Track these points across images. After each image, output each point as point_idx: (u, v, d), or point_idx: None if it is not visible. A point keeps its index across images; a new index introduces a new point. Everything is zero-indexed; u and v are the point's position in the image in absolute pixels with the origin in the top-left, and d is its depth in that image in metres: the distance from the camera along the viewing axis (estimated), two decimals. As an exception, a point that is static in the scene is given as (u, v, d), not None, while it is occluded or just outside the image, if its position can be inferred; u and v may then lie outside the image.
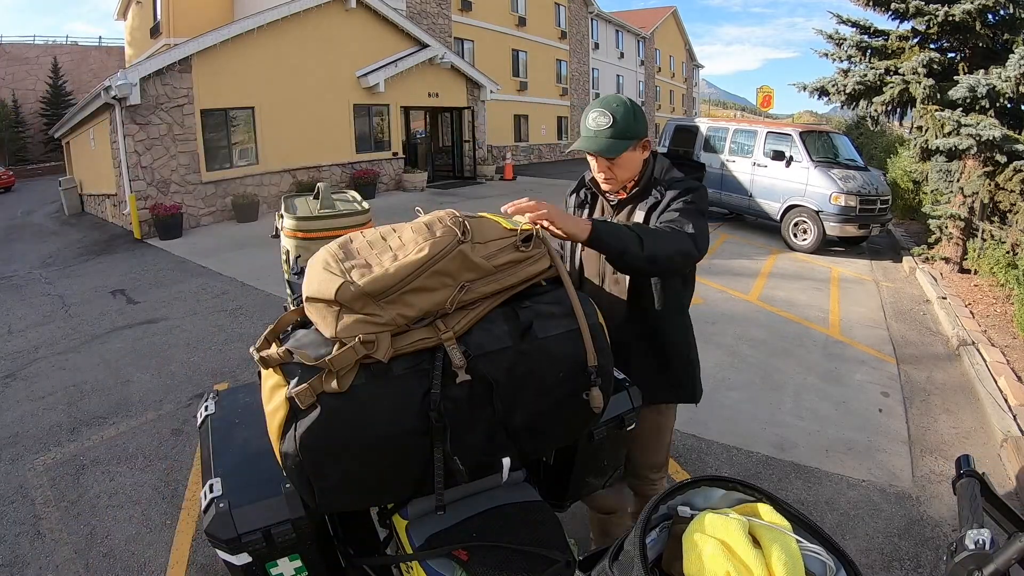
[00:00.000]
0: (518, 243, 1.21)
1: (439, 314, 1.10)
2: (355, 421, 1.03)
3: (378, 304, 1.04)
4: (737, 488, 0.88)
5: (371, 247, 1.14)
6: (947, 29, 6.96)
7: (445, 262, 1.08)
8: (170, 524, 2.69)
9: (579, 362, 1.18)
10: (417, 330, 1.09)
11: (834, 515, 2.73)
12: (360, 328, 1.02)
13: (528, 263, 1.21)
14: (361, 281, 1.03)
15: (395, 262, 1.07)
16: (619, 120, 1.58)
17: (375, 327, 1.03)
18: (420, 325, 1.10)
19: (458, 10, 20.64)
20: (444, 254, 1.08)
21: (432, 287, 1.08)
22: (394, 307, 1.05)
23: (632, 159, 1.65)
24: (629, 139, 1.59)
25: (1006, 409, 3.67)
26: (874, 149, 14.45)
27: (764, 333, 5.13)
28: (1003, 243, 6.36)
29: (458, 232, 1.11)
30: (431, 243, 1.09)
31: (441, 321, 1.10)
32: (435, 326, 1.09)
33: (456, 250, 1.09)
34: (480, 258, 1.13)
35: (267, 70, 11.74)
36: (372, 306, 1.04)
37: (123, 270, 7.84)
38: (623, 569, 0.79)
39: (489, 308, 1.16)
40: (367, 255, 1.11)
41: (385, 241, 1.15)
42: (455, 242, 1.10)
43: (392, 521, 1.33)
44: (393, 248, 1.12)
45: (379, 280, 1.03)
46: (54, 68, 31.44)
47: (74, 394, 4.10)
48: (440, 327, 1.09)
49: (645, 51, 35.38)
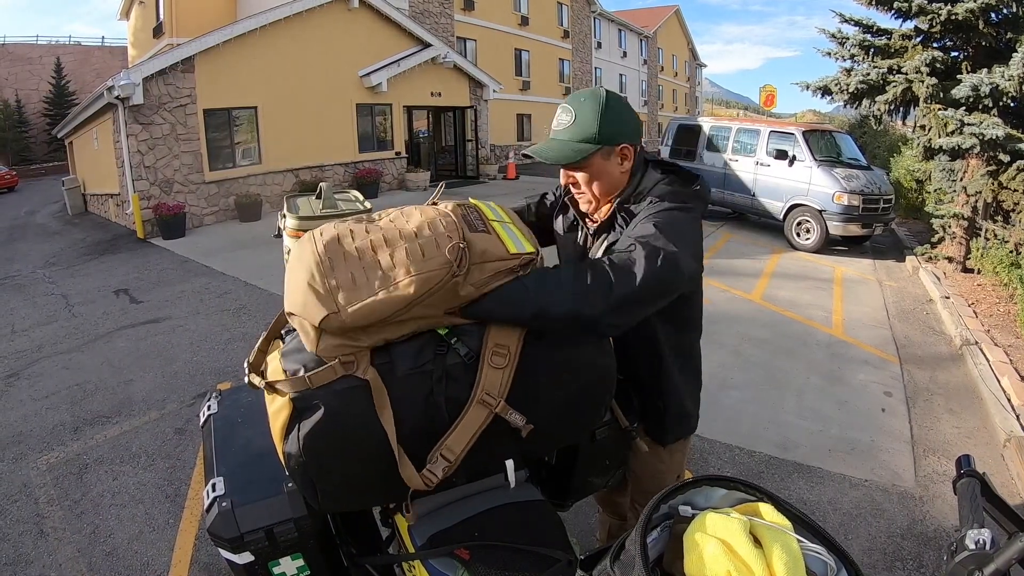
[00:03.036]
0: (517, 269, 1.10)
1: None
2: (358, 421, 1.03)
3: (363, 330, 1.03)
4: (738, 488, 0.88)
5: (360, 259, 1.06)
6: (950, 28, 6.94)
7: (435, 297, 1.04)
8: (173, 523, 2.70)
9: (584, 363, 1.18)
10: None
11: (836, 515, 2.73)
12: (341, 350, 1.02)
13: None
14: (345, 314, 0.99)
15: (383, 294, 1.01)
16: (581, 117, 1.27)
17: (356, 348, 1.03)
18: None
19: (460, 9, 20.63)
20: (436, 290, 1.03)
21: (417, 317, 1.06)
22: (378, 334, 1.05)
23: (605, 170, 1.31)
24: (593, 143, 1.27)
25: (1009, 409, 3.66)
26: (877, 148, 14.44)
27: (767, 333, 5.12)
28: (1006, 243, 6.34)
29: (455, 265, 1.03)
30: (422, 278, 1.01)
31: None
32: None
33: (450, 283, 1.03)
34: (471, 286, 1.06)
35: (270, 70, 11.75)
36: (357, 331, 1.03)
37: (126, 270, 7.86)
38: (624, 568, 0.79)
39: None
40: (355, 269, 1.04)
41: (375, 255, 1.06)
42: (448, 276, 1.02)
43: (394, 520, 1.34)
44: (383, 268, 1.03)
45: (365, 315, 1.00)
46: (57, 68, 31.54)
47: (77, 393, 4.12)
48: None
49: (648, 50, 35.34)
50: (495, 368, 1.07)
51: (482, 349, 1.08)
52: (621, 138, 1.30)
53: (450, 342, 1.10)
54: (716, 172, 9.95)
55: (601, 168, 1.31)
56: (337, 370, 1.02)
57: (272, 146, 11.98)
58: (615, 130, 1.28)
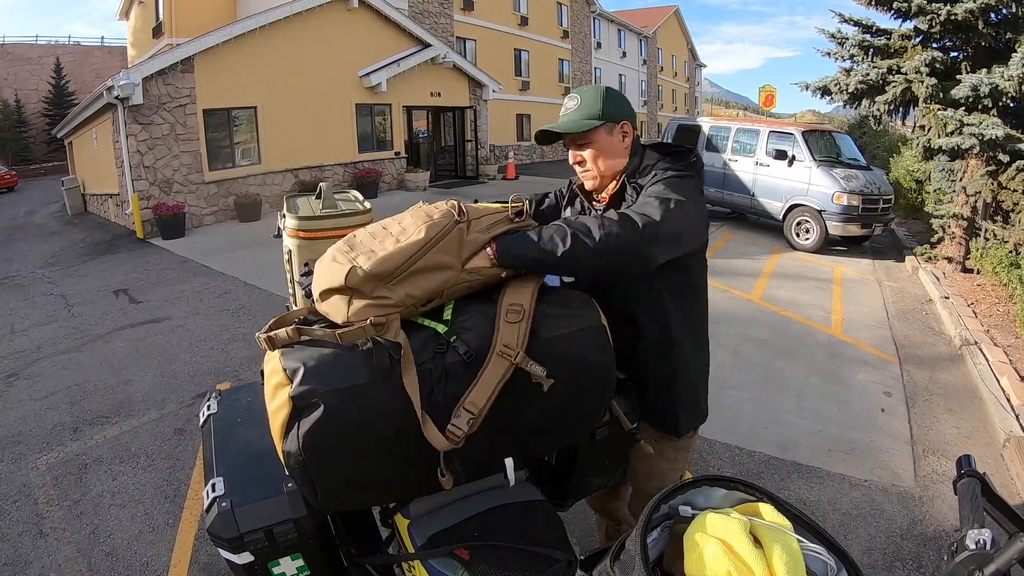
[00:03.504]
0: (511, 216, 1.27)
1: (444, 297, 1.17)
2: (358, 420, 1.03)
3: (387, 287, 1.09)
4: (738, 488, 0.88)
5: (374, 237, 1.19)
6: (949, 28, 6.94)
7: (445, 241, 1.14)
8: (172, 523, 2.70)
9: (583, 362, 1.18)
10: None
11: (836, 515, 2.73)
12: (371, 311, 1.07)
13: None
14: (367, 264, 1.08)
15: (397, 244, 1.13)
16: (586, 100, 1.44)
17: (385, 309, 1.08)
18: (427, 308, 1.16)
19: (460, 9, 20.63)
20: (443, 234, 1.15)
21: (435, 267, 1.13)
22: (402, 288, 1.10)
23: (609, 145, 1.45)
24: (598, 119, 1.42)
25: (1009, 409, 3.66)
26: (877, 148, 14.45)
27: (766, 333, 5.12)
28: (1006, 243, 6.35)
29: (455, 214, 1.19)
30: (429, 225, 1.15)
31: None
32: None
33: (455, 229, 1.16)
34: (476, 233, 1.20)
35: (269, 70, 11.75)
36: (381, 289, 1.08)
37: (126, 270, 7.86)
38: (624, 569, 0.79)
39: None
40: (371, 244, 1.16)
41: (386, 229, 1.21)
42: (452, 223, 1.17)
43: (394, 520, 1.34)
44: (395, 234, 1.17)
45: (384, 261, 1.09)
46: (57, 68, 31.50)
47: (77, 393, 4.11)
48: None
49: (647, 50, 35.33)
50: (510, 323, 1.13)
51: (497, 310, 1.16)
52: (621, 116, 1.46)
53: (449, 340, 1.11)
54: (716, 172, 9.96)
55: (606, 142, 1.46)
56: (368, 330, 1.05)
57: (271, 146, 11.98)
58: (616, 109, 1.45)
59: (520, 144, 24.25)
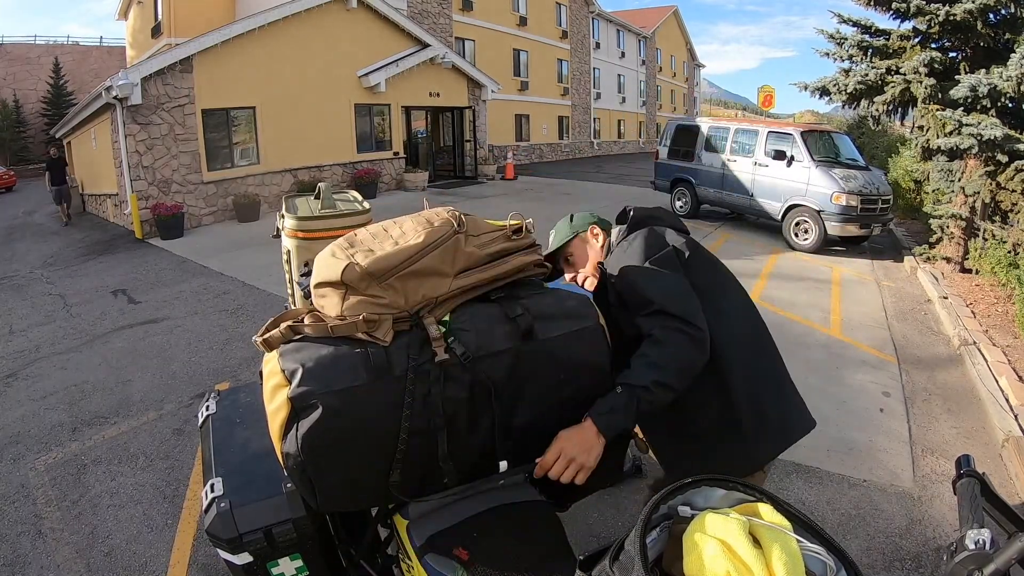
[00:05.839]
0: (509, 234, 1.31)
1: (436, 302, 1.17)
2: (356, 421, 1.03)
3: (381, 286, 1.10)
4: (738, 488, 0.88)
5: (374, 237, 1.21)
6: (948, 28, 6.95)
7: (442, 249, 1.16)
8: (171, 524, 2.70)
9: (580, 363, 1.19)
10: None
11: (835, 515, 2.73)
12: (364, 308, 1.09)
13: (520, 253, 1.29)
14: (364, 262, 1.10)
15: (396, 246, 1.15)
16: (559, 227, 1.75)
17: (378, 308, 1.09)
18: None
19: (459, 10, 20.63)
20: (441, 241, 1.17)
21: (429, 272, 1.15)
22: (395, 288, 1.12)
23: (578, 248, 1.70)
24: (571, 234, 1.70)
25: (1007, 409, 3.66)
26: (875, 149, 14.46)
27: (765, 333, 5.11)
28: (1004, 243, 6.35)
29: (455, 224, 1.21)
30: (428, 231, 1.18)
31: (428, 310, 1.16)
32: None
33: (452, 239, 1.18)
34: (474, 247, 1.22)
35: (268, 70, 11.74)
36: (375, 287, 1.10)
37: (124, 270, 7.84)
38: (623, 569, 0.79)
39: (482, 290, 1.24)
40: (370, 243, 1.19)
41: (387, 231, 1.23)
42: (451, 231, 1.19)
43: (393, 520, 1.34)
44: (394, 236, 1.20)
45: (381, 260, 1.11)
46: (55, 68, 31.43)
47: (75, 394, 4.11)
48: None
49: (646, 51, 35.35)
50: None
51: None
52: (587, 226, 1.72)
53: (447, 342, 1.11)
54: (714, 172, 9.98)
55: (575, 247, 1.71)
56: (360, 326, 1.07)
57: (270, 146, 11.97)
58: (581, 223, 1.73)
59: (519, 144, 24.27)
